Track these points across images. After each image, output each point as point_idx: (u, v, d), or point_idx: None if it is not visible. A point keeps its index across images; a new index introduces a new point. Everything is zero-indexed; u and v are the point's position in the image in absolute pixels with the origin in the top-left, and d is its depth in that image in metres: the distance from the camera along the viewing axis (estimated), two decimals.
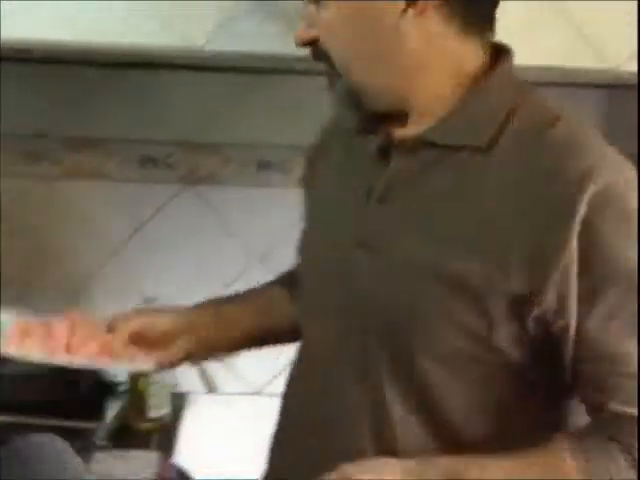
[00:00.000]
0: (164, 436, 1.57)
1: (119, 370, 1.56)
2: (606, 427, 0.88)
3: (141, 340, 1.09)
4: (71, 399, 1.51)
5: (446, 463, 0.88)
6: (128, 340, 1.08)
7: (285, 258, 1.18)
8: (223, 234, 1.74)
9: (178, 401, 1.68)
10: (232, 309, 1.17)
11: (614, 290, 0.85)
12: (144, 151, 1.71)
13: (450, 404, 0.92)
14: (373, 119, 0.96)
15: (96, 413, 1.54)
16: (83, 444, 1.30)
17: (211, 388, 1.66)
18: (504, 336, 0.88)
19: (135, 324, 1.09)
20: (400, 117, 0.95)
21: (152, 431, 1.58)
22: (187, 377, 1.68)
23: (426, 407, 0.92)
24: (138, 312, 1.14)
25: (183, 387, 1.72)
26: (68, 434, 1.18)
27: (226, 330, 1.15)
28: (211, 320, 1.14)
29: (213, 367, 1.67)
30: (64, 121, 1.70)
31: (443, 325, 0.89)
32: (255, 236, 1.73)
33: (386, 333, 0.93)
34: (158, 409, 1.59)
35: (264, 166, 1.72)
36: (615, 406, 0.87)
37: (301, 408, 1.04)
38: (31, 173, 1.71)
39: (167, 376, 1.57)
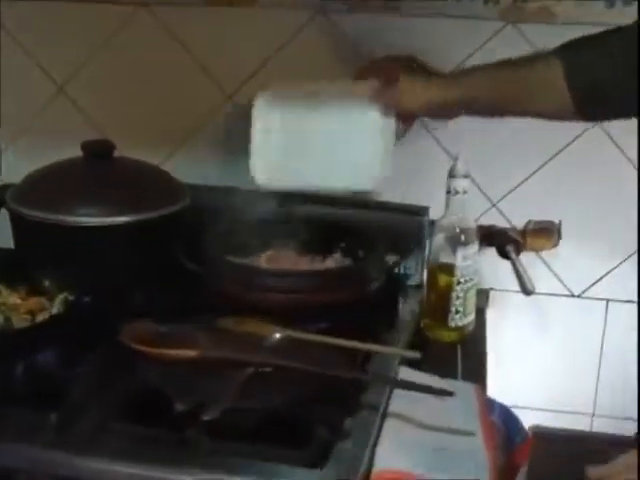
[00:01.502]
0: (470, 350, 1.24)
1: None
2: None
3: None
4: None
5: None
6: None
7: None
8: None
9: (480, 301, 1.33)
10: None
11: None
12: None
13: None
14: None
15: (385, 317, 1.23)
16: None
17: (527, 289, 1.30)
18: None
19: None
20: None
21: (454, 342, 1.25)
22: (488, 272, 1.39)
23: None
24: None
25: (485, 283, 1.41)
26: None
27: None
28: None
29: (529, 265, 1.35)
30: None
31: None
32: None
33: None
34: (463, 313, 1.24)
35: None
36: None
37: None
38: None
39: (469, 270, 1.23)
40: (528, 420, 1.31)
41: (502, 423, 1.08)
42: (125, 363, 0.99)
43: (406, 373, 1.06)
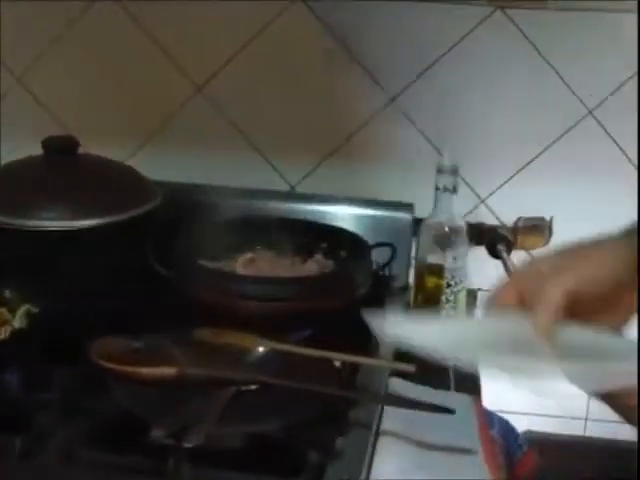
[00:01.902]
0: None
1: None
2: None
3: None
4: None
5: None
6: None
7: None
8: None
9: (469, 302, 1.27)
10: None
11: None
12: None
13: None
14: None
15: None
16: None
17: None
18: None
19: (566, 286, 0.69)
20: None
21: None
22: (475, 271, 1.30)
23: None
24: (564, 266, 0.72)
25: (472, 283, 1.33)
26: None
27: None
28: None
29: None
30: None
31: None
32: None
33: None
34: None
35: None
36: None
37: None
38: None
39: (459, 272, 1.17)
40: (519, 425, 1.27)
41: (502, 438, 1.02)
42: (95, 383, 0.90)
43: (397, 385, 1.00)
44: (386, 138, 1.33)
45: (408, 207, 1.30)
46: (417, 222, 1.24)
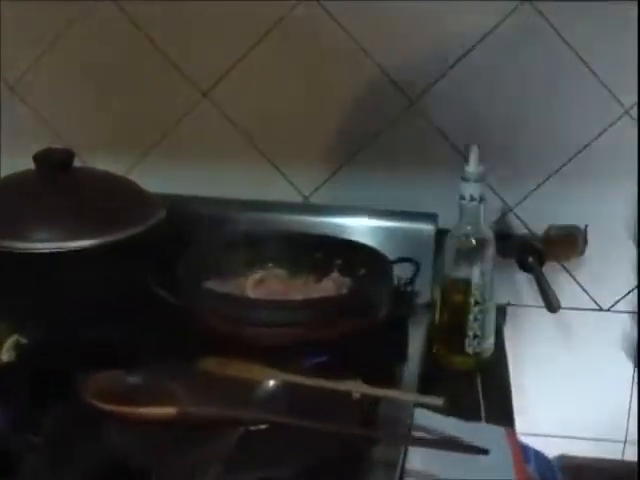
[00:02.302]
0: (491, 379, 1.08)
1: None
2: None
3: None
4: None
5: None
6: None
7: None
8: None
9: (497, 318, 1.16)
10: None
11: None
12: None
13: None
14: None
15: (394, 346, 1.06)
16: None
17: (553, 306, 1.15)
18: None
19: None
20: None
21: (472, 370, 1.09)
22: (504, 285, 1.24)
23: None
24: None
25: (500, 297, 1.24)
26: None
27: None
28: None
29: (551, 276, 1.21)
30: None
31: None
32: None
33: None
34: (482, 337, 1.09)
35: None
36: None
37: None
38: None
39: (488, 288, 1.09)
40: (552, 449, 1.20)
41: (539, 474, 0.93)
42: (87, 424, 0.82)
43: (424, 418, 0.91)
44: (407, 143, 1.24)
45: (431, 218, 1.21)
46: (441, 234, 1.15)
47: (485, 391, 1.06)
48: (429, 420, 0.91)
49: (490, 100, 1.22)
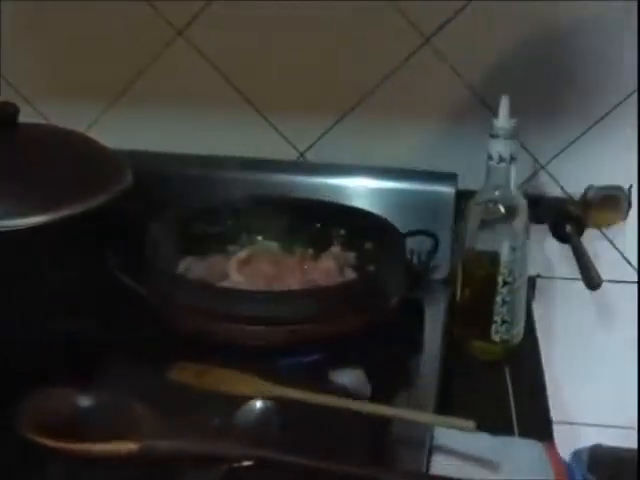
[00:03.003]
0: (521, 372, 0.94)
1: None
2: None
3: None
4: None
5: None
6: None
7: None
8: None
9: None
10: None
11: None
12: None
13: None
14: None
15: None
16: None
17: (594, 282, 1.00)
18: None
19: None
20: None
21: (499, 360, 0.95)
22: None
23: None
24: None
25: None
26: None
27: None
28: None
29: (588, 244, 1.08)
30: None
31: None
32: None
33: None
34: (512, 323, 0.94)
35: None
36: None
37: None
38: None
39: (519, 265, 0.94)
40: (588, 439, 1.12)
41: None
42: (27, 465, 0.65)
43: (447, 437, 0.76)
44: (421, 90, 1.08)
45: (451, 178, 1.05)
46: (462, 197, 1.00)
47: (515, 388, 0.91)
48: (453, 440, 0.76)
49: (519, 37, 1.05)
